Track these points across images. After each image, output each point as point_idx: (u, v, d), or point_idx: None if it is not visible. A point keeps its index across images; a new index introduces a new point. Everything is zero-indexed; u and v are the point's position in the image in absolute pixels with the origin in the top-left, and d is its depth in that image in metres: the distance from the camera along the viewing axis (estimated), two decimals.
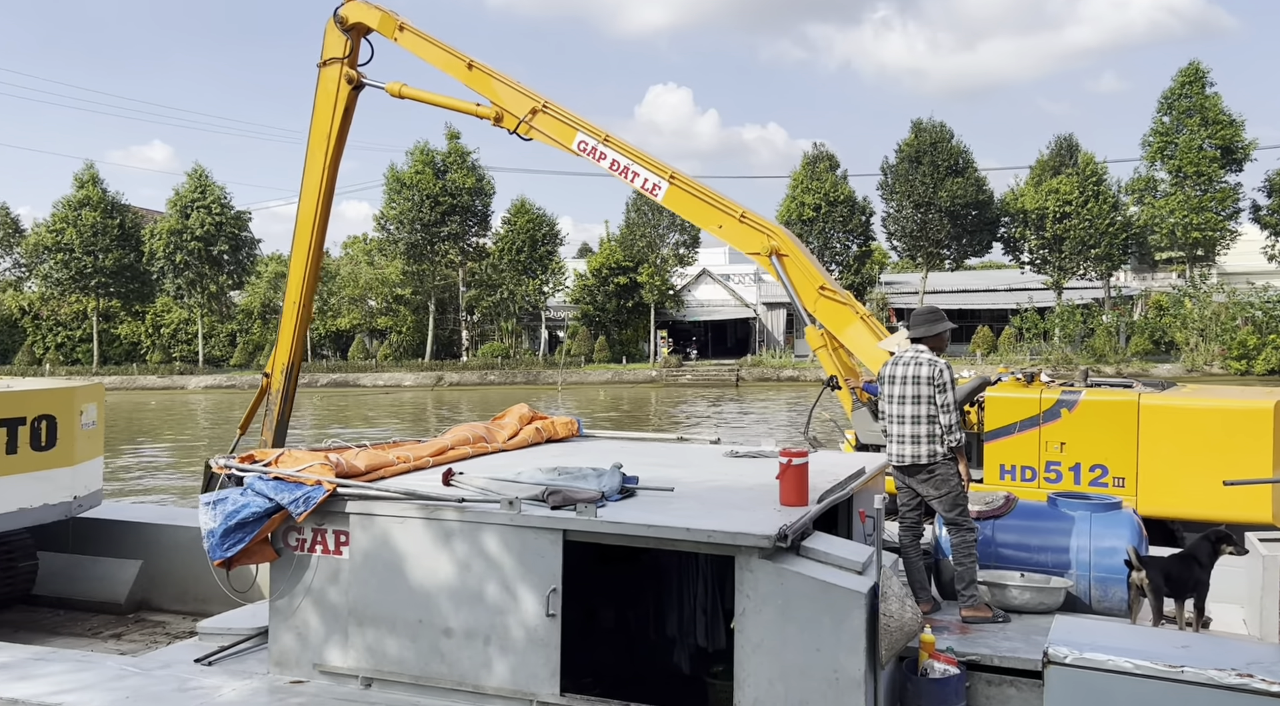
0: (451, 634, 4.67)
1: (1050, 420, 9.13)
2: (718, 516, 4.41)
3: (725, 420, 32.22)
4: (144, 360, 57.18)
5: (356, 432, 29.65)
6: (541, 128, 9.83)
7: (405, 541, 4.78)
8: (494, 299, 55.11)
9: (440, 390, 48.58)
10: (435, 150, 53.46)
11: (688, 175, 9.90)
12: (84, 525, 8.74)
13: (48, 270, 53.80)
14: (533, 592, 4.51)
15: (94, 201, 53.56)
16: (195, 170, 54.35)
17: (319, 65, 10.35)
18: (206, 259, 53.38)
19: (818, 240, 50.05)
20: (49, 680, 4.85)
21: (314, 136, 10.40)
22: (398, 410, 38.88)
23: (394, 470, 5.39)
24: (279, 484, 4.94)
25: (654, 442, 7.43)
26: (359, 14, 10.08)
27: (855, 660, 3.98)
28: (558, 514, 4.52)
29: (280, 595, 5.04)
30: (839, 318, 9.48)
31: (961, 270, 58.01)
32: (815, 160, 51.04)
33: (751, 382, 47.58)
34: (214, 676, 5.04)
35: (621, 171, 9.76)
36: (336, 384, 50.36)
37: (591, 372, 50.45)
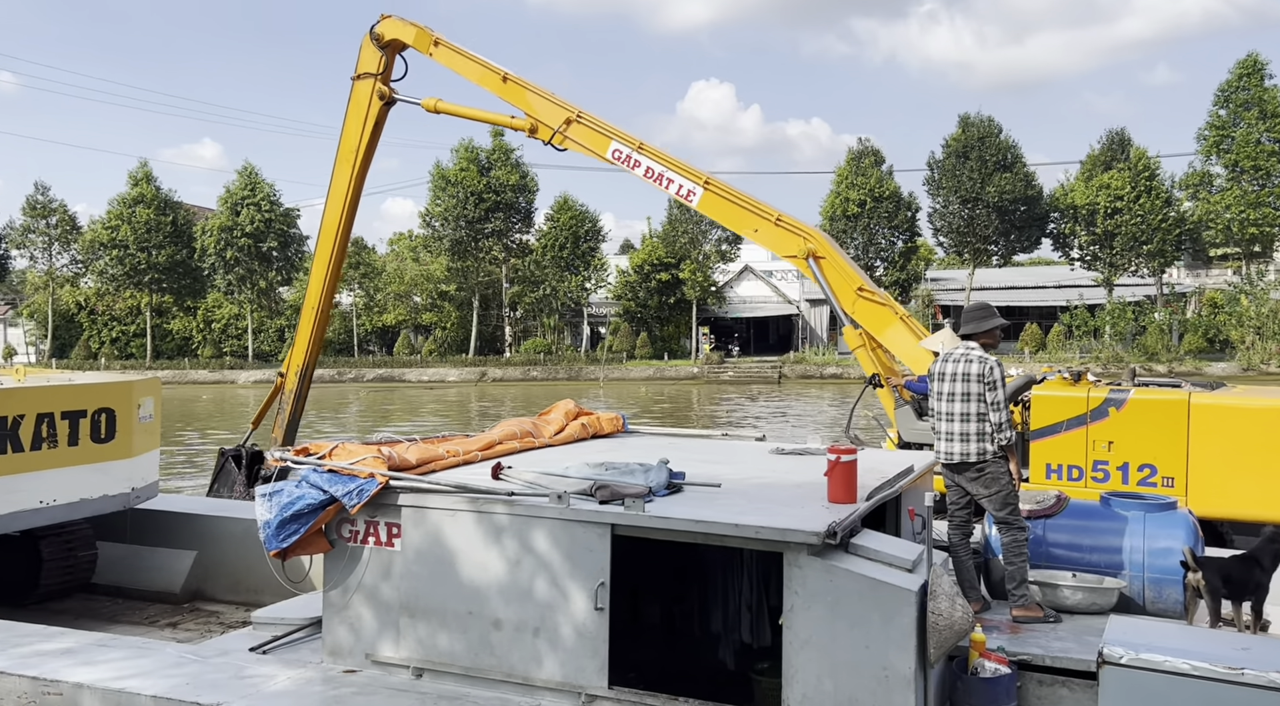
0: (501, 626, 4.72)
1: (1098, 419, 9.03)
2: (765, 513, 4.40)
3: (768, 417, 32.10)
4: (195, 355, 58.31)
5: (403, 427, 30.00)
6: (576, 137, 9.92)
7: (456, 534, 4.83)
8: (537, 295, 55.41)
9: (484, 385, 48.95)
10: (480, 147, 53.88)
11: (723, 180, 9.90)
12: (141, 516, 8.95)
13: (103, 266, 55.06)
14: (581, 586, 4.55)
15: (148, 199, 54.72)
16: (245, 168, 55.32)
17: (353, 78, 10.49)
18: (256, 255, 54.28)
19: (862, 236, 49.65)
20: (111, 665, 4.98)
21: (343, 147, 10.57)
22: (442, 405, 39.24)
23: (444, 464, 5.45)
24: (333, 476, 5.02)
25: (699, 439, 7.44)
26: (395, 31, 10.22)
27: (905, 658, 3.96)
28: (606, 508, 4.55)
29: (333, 586, 5.13)
30: (878, 318, 9.46)
31: (1009, 267, 57.20)
32: (860, 155, 50.61)
33: (794, 380, 47.33)
34: (268, 665, 5.14)
35: (656, 178, 9.80)
36: (382, 379, 50.95)
37: (633, 369, 50.51)
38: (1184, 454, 8.71)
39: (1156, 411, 8.83)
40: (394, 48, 10.34)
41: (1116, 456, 8.90)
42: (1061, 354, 45.27)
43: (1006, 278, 56.51)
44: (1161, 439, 8.75)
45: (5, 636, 5.43)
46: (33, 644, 5.30)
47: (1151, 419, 8.82)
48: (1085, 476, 9.01)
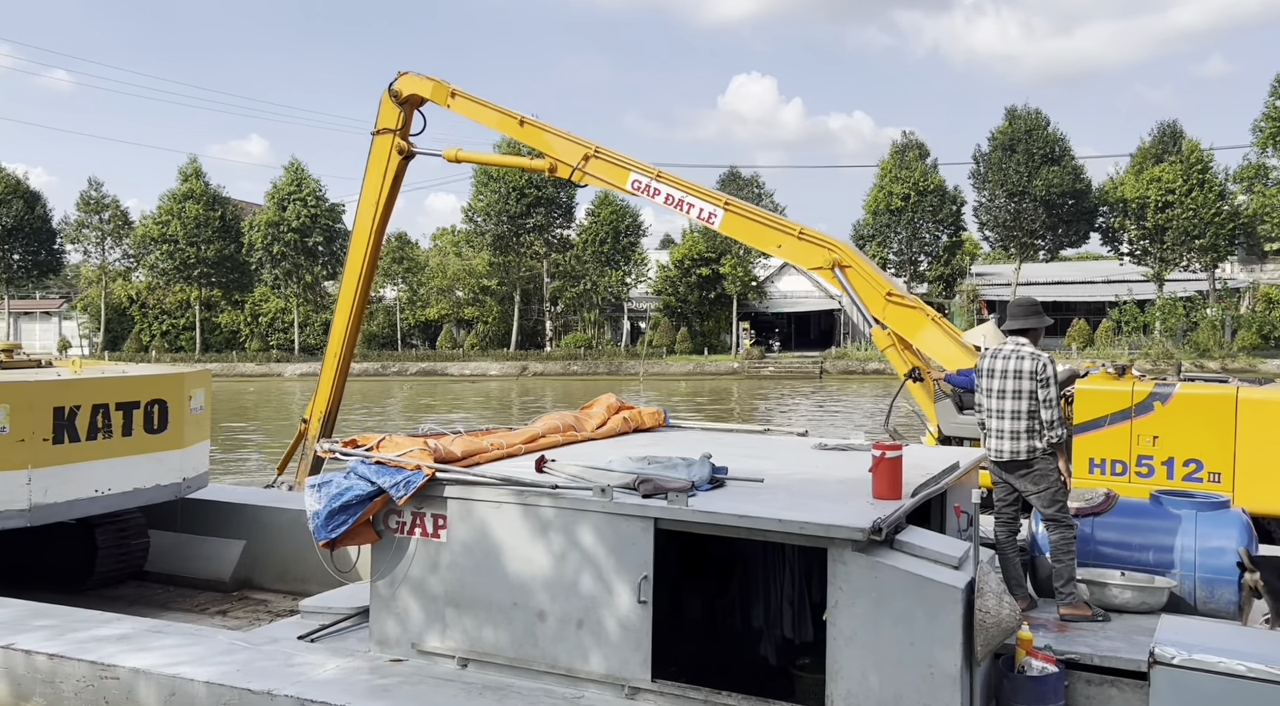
0: (545, 618, 4.76)
1: (1142, 413, 8.96)
2: (809, 508, 4.39)
3: (809, 413, 31.93)
4: (243, 348, 59.27)
5: (448, 419, 30.29)
6: (595, 172, 10.09)
7: (500, 525, 4.88)
8: (577, 290, 55.59)
9: (525, 379, 49.22)
10: (521, 143, 54.04)
11: (743, 200, 10.04)
12: (192, 505, 9.13)
13: (154, 260, 56.12)
14: (624, 579, 4.57)
15: (197, 194, 55.68)
16: (292, 163, 56.04)
17: (372, 134, 10.73)
18: (302, 250, 55.02)
19: (906, 230, 49.13)
20: (165, 652, 5.09)
21: (364, 200, 10.80)
22: (484, 399, 39.54)
23: (488, 456, 5.50)
24: (380, 468, 5.09)
25: (740, 433, 7.43)
26: (412, 86, 10.46)
27: (951, 655, 3.93)
28: (649, 502, 4.56)
29: (381, 576, 5.20)
30: (910, 322, 9.48)
31: (1056, 261, 56.29)
32: (904, 148, 50.06)
33: (836, 375, 47.03)
34: (317, 653, 5.23)
35: (677, 204, 10.00)
36: (425, 372, 51.44)
37: (673, 364, 50.50)
38: (1231, 450, 8.59)
39: (1204, 406, 8.71)
40: (412, 103, 10.59)
41: (1161, 451, 8.80)
42: (1110, 350, 44.47)
43: (1053, 272, 55.61)
44: (1208, 434, 8.63)
45: (64, 622, 5.57)
46: (90, 629, 5.44)
47: (1198, 414, 8.70)
48: (1129, 471, 8.92)
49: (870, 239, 50.47)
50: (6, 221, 55.76)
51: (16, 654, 5.10)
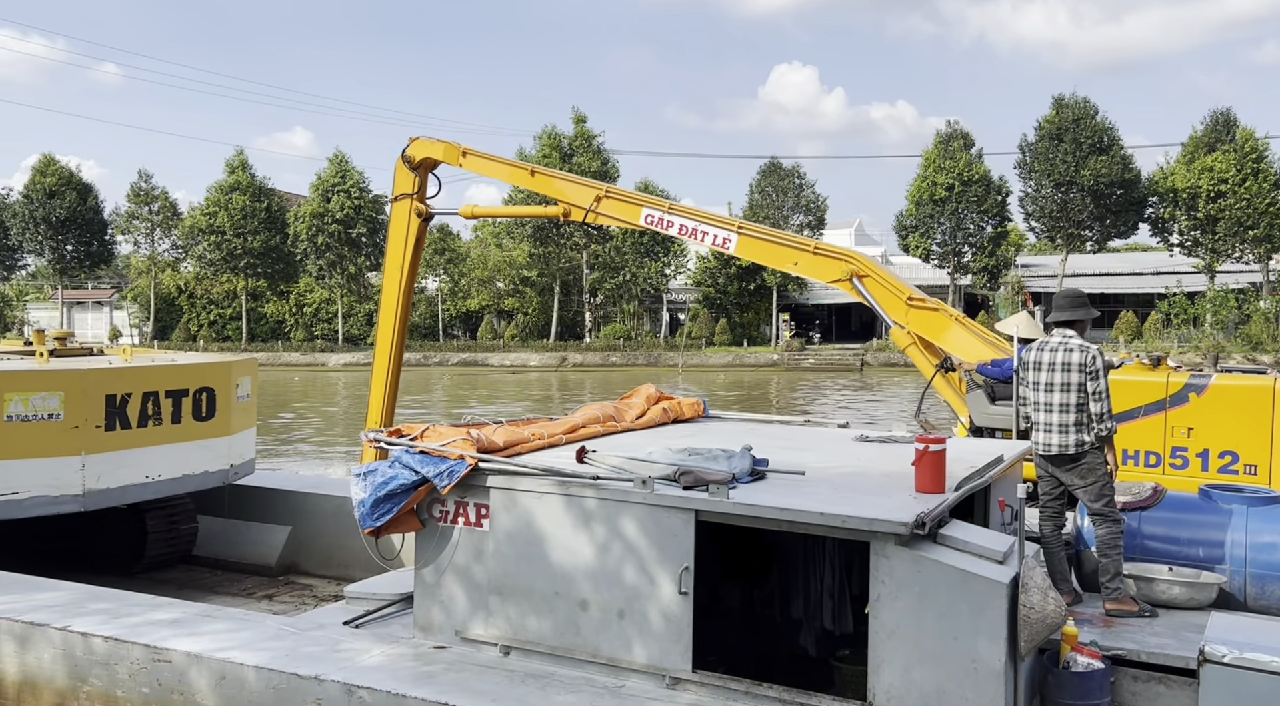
0: (587, 607, 4.79)
1: (1177, 404, 8.90)
2: (851, 501, 4.37)
3: (849, 405, 31.74)
4: (288, 338, 60.16)
5: (490, 409, 30.52)
6: (607, 212, 10.15)
7: (542, 515, 4.91)
8: (617, 281, 55.66)
9: (564, 371, 49.43)
10: (562, 134, 54.22)
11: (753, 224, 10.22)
12: (239, 491, 9.31)
13: (202, 251, 57.10)
14: (665, 570, 4.58)
15: (243, 186, 56.53)
16: (336, 156, 56.69)
17: (391, 201, 10.96)
18: (346, 241, 55.65)
19: (950, 221, 48.51)
20: (216, 637, 5.20)
21: (389, 265, 10.98)
22: (524, 389, 39.77)
23: (530, 446, 5.53)
24: (424, 457, 5.14)
25: (781, 425, 7.40)
26: (424, 150, 10.73)
27: (995, 650, 3.90)
28: (690, 494, 4.57)
29: (425, 564, 5.26)
30: (934, 324, 9.54)
31: (1104, 253, 55.31)
32: (949, 138, 49.38)
33: (877, 367, 46.66)
34: (362, 639, 5.31)
35: (690, 233, 10.04)
36: (466, 363, 51.86)
37: (712, 355, 50.42)
38: (1269, 441, 8.49)
39: (1240, 398, 8.64)
40: (426, 166, 10.79)
41: (1196, 443, 8.75)
42: (1158, 342, 43.64)
43: (1100, 264, 54.69)
44: (1245, 426, 8.57)
45: (118, 606, 5.71)
46: (143, 613, 5.57)
47: (1234, 405, 8.64)
48: (1163, 462, 8.87)
49: (914, 230, 49.93)
50: (60, 213, 57.05)
51: (74, 636, 5.23)
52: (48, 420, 7.07)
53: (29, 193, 57.39)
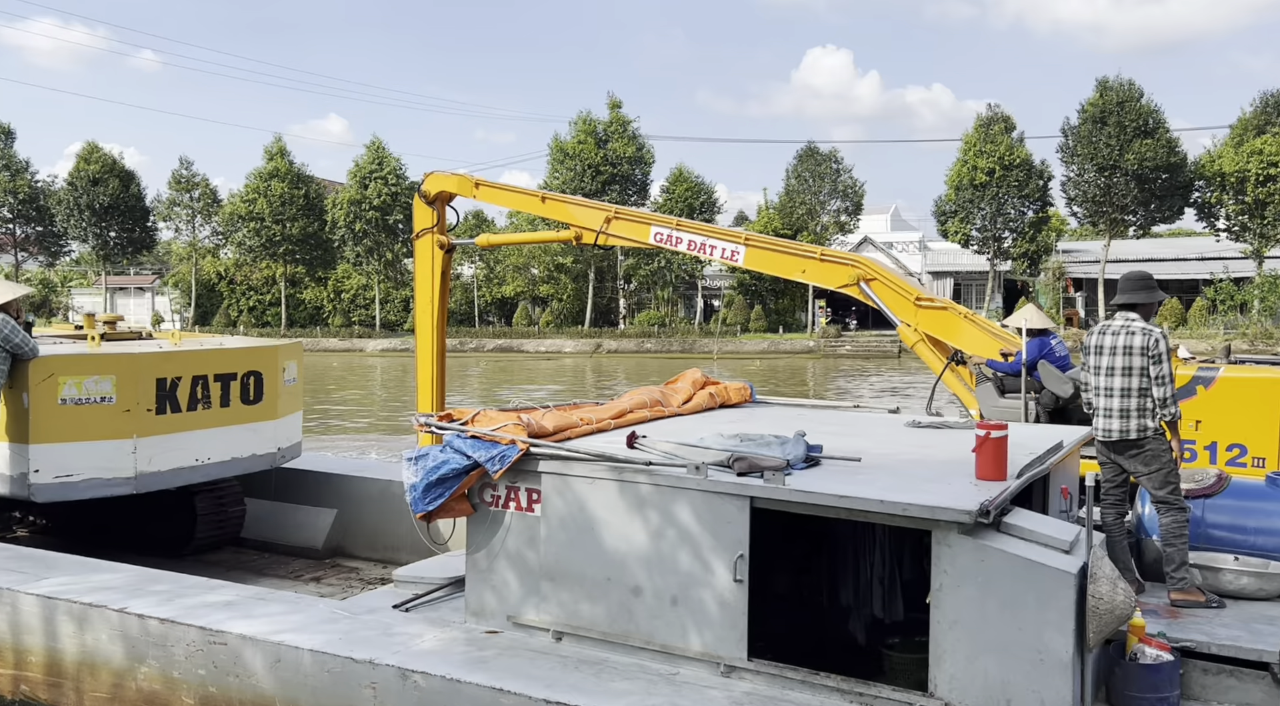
0: (640, 593, 4.75)
1: (1186, 397, 8.78)
2: (911, 489, 4.29)
3: (890, 392, 31.46)
4: (326, 323, 60.76)
5: (528, 395, 30.61)
6: (617, 232, 10.27)
7: (594, 501, 4.88)
8: (652, 267, 55.56)
9: (599, 357, 49.48)
10: (597, 120, 54.10)
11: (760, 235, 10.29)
12: (285, 474, 9.38)
13: (242, 238, 57.75)
14: (720, 558, 4.53)
15: (282, 173, 57.04)
16: (373, 143, 57.01)
17: (413, 239, 11.20)
18: (383, 228, 56.02)
19: (990, 206, 47.83)
20: (270, 619, 5.23)
21: (419, 299, 11.16)
22: (558, 374, 39.86)
23: (578, 431, 5.50)
24: (476, 442, 5.13)
25: (829, 410, 7.32)
26: (439, 184, 10.95)
27: (1062, 641, 3.81)
28: (745, 481, 4.51)
29: (476, 549, 5.25)
30: (945, 324, 9.57)
31: (1147, 238, 54.30)
32: (989, 122, 48.64)
33: (914, 355, 46.18)
34: (415, 623, 5.31)
35: (700, 248, 10.15)
36: (502, 349, 52.09)
37: (747, 342, 50.21)
38: (1278, 434, 8.32)
39: (1249, 390, 8.51)
40: (442, 199, 10.92)
41: (1204, 436, 8.63)
42: (1204, 329, 42.82)
43: (1143, 249, 53.69)
44: (1254, 418, 8.43)
45: (174, 587, 5.76)
46: (199, 595, 5.61)
47: (1243, 398, 8.50)
48: None
49: (953, 215, 49.30)
50: (104, 200, 57.91)
51: (131, 617, 5.28)
52: (100, 403, 7.14)
53: (73, 180, 58.30)
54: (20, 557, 6.30)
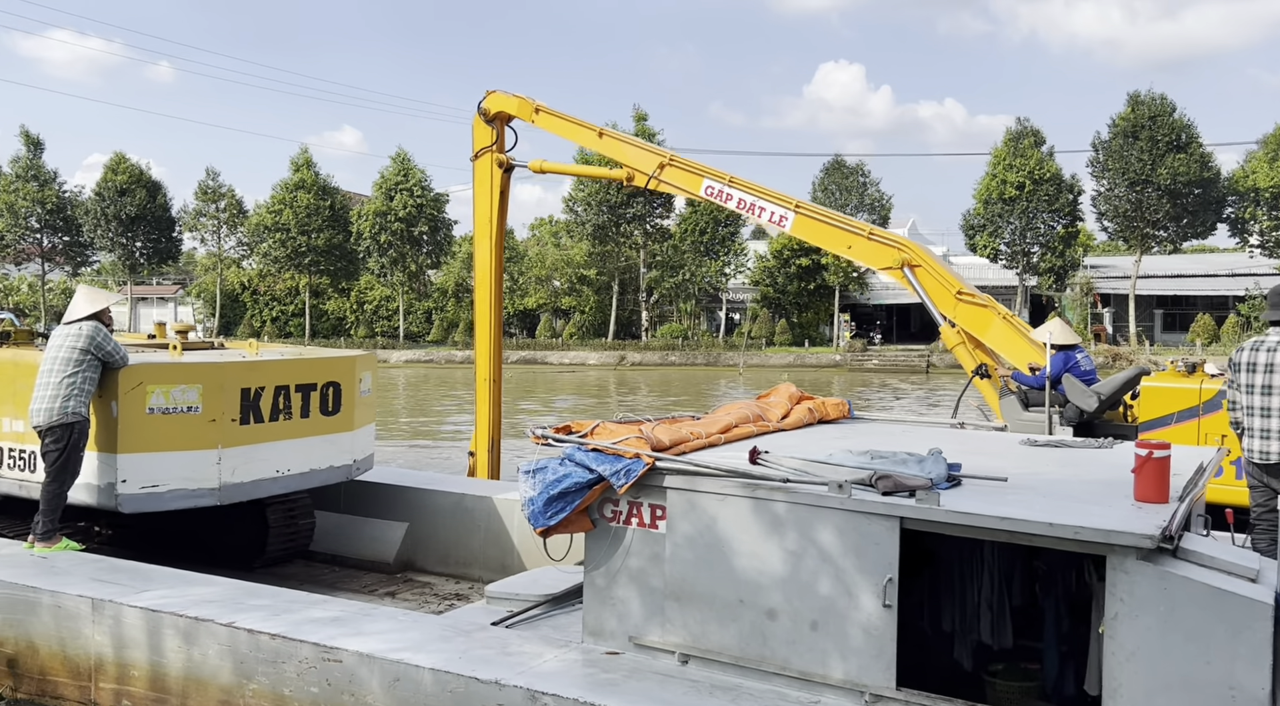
0: (775, 616, 4.58)
1: (1211, 411, 8.64)
2: (1073, 511, 4.11)
3: (926, 407, 31.18)
4: (349, 334, 60.80)
5: (573, 406, 30.48)
6: (669, 180, 10.30)
7: (725, 518, 4.72)
8: (675, 280, 55.43)
9: (623, 369, 49.32)
10: (624, 132, 54.09)
11: (810, 203, 10.16)
12: (354, 487, 9.24)
13: (267, 249, 57.94)
14: (866, 580, 4.36)
15: (308, 184, 57.24)
16: (399, 154, 57.18)
17: (472, 159, 11.23)
18: (408, 239, 56.12)
19: (1020, 220, 47.51)
20: (383, 636, 5.08)
21: (478, 222, 11.20)
22: (583, 387, 39.71)
23: (691, 446, 5.35)
24: (598, 455, 4.98)
25: (934, 427, 7.13)
26: (499, 104, 11.02)
27: (1257, 677, 3.61)
28: (895, 500, 4.34)
29: (595, 566, 5.09)
30: (980, 320, 9.52)
31: (1178, 254, 53.86)
32: (1019, 136, 48.39)
33: (944, 369, 45.83)
34: (530, 642, 5.15)
35: (749, 208, 10.15)
36: (526, 361, 51.98)
37: (773, 355, 49.96)
38: None
39: None
40: (501, 119, 10.95)
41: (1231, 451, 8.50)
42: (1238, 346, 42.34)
43: (1173, 265, 53.23)
44: None
45: (274, 602, 5.62)
46: (303, 610, 5.47)
47: None
48: None
49: (980, 229, 49.02)
50: (131, 210, 58.25)
51: (240, 632, 5.15)
52: (186, 413, 7.03)
53: (101, 190, 58.67)
54: (114, 569, 6.18)
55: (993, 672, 5.51)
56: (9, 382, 7.15)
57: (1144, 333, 48.04)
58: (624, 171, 10.48)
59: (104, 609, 5.49)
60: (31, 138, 61.42)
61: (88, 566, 6.21)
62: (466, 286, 60.77)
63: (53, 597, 5.62)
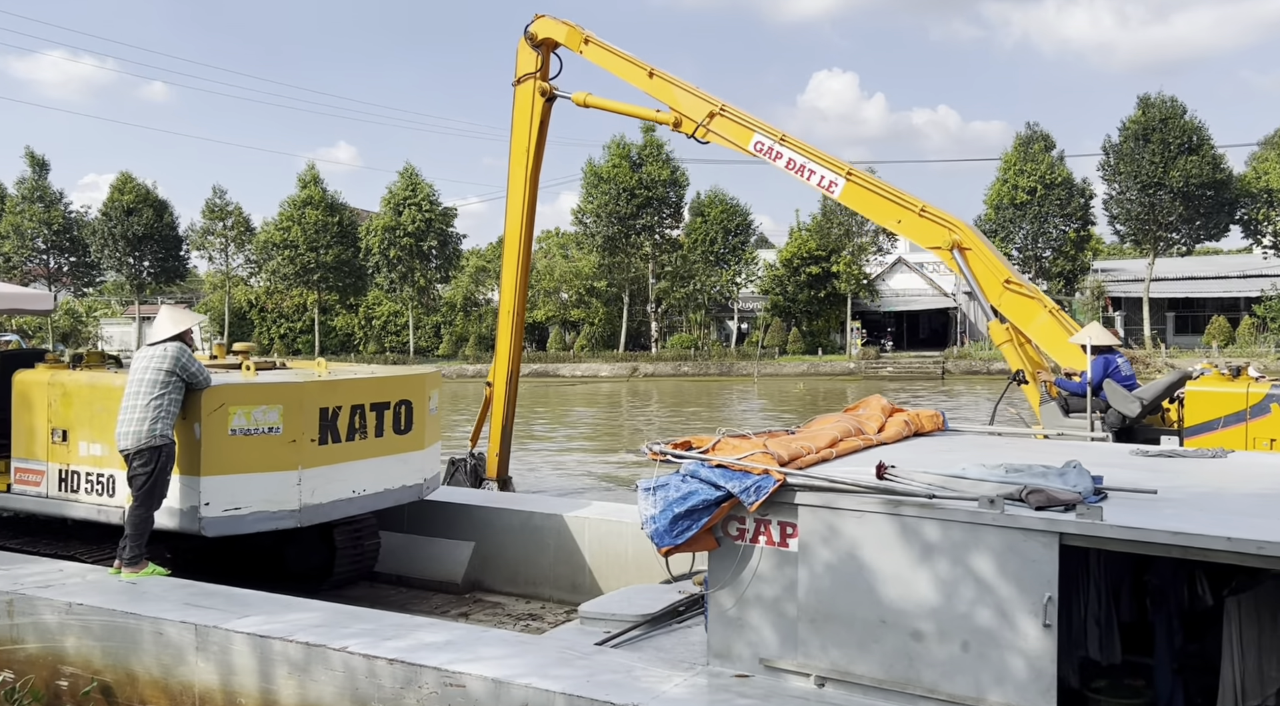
0: (921, 638, 4.42)
1: (1258, 415, 8.49)
2: (1244, 524, 3.96)
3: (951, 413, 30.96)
4: (358, 350, 60.65)
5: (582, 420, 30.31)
6: (719, 130, 9.95)
7: (863, 536, 4.57)
8: (686, 290, 55.34)
9: (636, 381, 49.17)
10: (631, 143, 54.12)
11: (864, 171, 9.92)
12: (417, 506, 9.09)
13: (276, 265, 57.84)
14: (1023, 600, 4.21)
15: (315, 201, 57.19)
16: (406, 169, 57.15)
17: (514, 83, 10.86)
18: (417, 254, 56.05)
19: (1031, 225, 47.45)
20: (500, 661, 4.92)
21: (514, 150, 10.89)
22: (601, 399, 39.54)
23: (806, 461, 5.21)
24: (726, 472, 4.84)
25: (1027, 438, 6.99)
26: (548, 30, 10.59)
27: None
28: (1054, 515, 4.19)
29: (721, 586, 4.94)
30: (1025, 311, 9.23)
31: (1190, 256, 53.78)
32: (1029, 141, 48.36)
33: (959, 375, 45.71)
34: (654, 665, 5.00)
35: (798, 170, 9.77)
36: (537, 374, 51.81)
37: (786, 364, 49.81)
38: None
39: None
40: (547, 46, 10.57)
41: None
42: (1254, 348, 42.20)
43: (1185, 267, 53.16)
44: None
45: (378, 626, 5.47)
46: (410, 634, 5.32)
47: None
48: None
49: (991, 234, 48.91)
50: (138, 229, 58.17)
51: (356, 658, 4.99)
52: (268, 434, 6.90)
53: (107, 210, 58.60)
54: (207, 594, 6.03)
55: (1096, 689, 5.36)
56: (86, 406, 7.02)
57: (1157, 335, 47.90)
58: (672, 116, 10.10)
59: (208, 636, 5.34)
60: (37, 158, 61.43)
61: (179, 591, 6.06)
62: (475, 300, 60.74)
63: (153, 624, 5.46)
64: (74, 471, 7.05)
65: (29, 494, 7.24)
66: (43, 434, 7.13)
